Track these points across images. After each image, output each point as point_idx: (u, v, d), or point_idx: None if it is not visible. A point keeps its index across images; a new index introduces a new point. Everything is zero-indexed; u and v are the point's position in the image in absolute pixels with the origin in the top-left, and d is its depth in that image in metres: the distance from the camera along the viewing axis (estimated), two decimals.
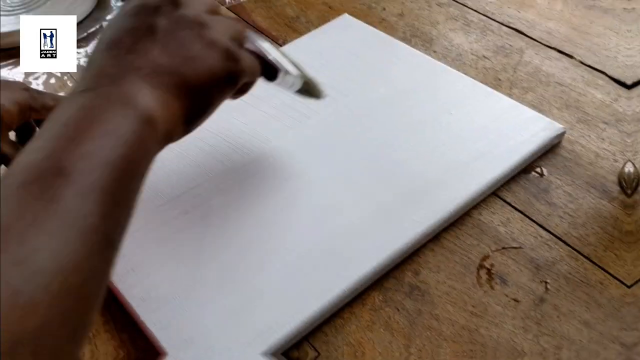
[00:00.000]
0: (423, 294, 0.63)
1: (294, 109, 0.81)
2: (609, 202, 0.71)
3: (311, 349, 0.60)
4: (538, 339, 0.59)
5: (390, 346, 0.59)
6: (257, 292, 0.62)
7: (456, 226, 0.69)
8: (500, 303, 0.62)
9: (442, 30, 0.98)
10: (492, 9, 1.02)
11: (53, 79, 0.94)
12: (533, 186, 0.73)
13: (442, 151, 0.74)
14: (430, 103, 0.80)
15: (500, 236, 0.68)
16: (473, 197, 0.69)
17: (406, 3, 1.04)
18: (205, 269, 0.64)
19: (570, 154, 0.76)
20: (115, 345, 0.61)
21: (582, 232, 0.68)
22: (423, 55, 0.89)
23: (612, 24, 0.97)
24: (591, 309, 0.61)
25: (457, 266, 0.66)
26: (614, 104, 0.82)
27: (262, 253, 0.65)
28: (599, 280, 0.64)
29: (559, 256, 0.66)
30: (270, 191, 0.71)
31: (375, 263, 0.63)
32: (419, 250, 0.67)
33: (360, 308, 0.63)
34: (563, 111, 0.82)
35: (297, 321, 0.59)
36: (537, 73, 0.88)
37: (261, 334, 0.58)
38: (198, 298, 0.62)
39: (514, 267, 0.65)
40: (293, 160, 0.75)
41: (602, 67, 0.88)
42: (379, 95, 0.82)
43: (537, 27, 0.97)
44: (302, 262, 0.64)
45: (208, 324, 0.60)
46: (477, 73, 0.89)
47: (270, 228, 0.68)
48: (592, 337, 0.59)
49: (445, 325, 0.61)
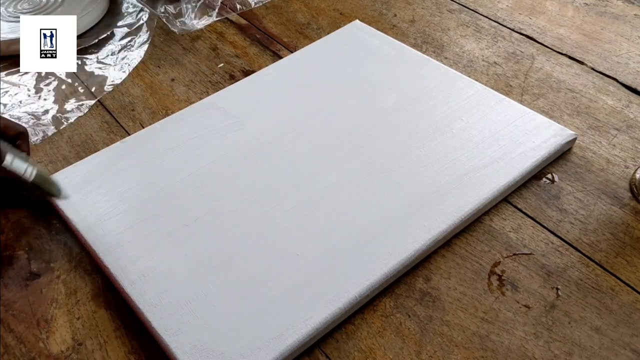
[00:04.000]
0: (434, 300, 0.63)
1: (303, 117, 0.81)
2: (620, 209, 0.71)
3: (322, 355, 0.60)
4: (549, 345, 0.59)
5: (402, 352, 0.59)
6: (268, 299, 0.62)
7: (467, 232, 0.69)
8: (511, 309, 0.62)
9: (453, 37, 0.98)
10: (503, 15, 1.02)
11: (64, 85, 0.94)
12: (544, 192, 0.73)
13: (454, 157, 0.74)
14: (441, 109, 0.81)
15: (511, 242, 0.68)
16: (484, 204, 0.69)
17: (417, 9, 1.05)
18: (216, 275, 0.64)
19: (581, 160, 0.76)
20: (127, 351, 0.61)
21: (593, 238, 0.68)
22: (434, 62, 0.89)
23: (623, 31, 0.97)
24: (602, 315, 0.61)
25: (468, 272, 0.65)
26: (625, 110, 0.82)
27: (273, 259, 0.65)
28: (610, 287, 0.63)
29: (570, 262, 0.66)
30: (282, 198, 0.71)
31: (386, 269, 0.63)
32: (430, 256, 0.67)
33: (371, 314, 0.63)
34: (574, 117, 0.82)
35: (308, 327, 0.59)
36: (548, 79, 0.88)
37: (272, 340, 0.58)
38: (209, 304, 0.62)
39: (525, 274, 0.65)
40: (304, 167, 0.75)
41: (613, 74, 0.88)
42: (390, 101, 0.82)
43: (548, 33, 0.97)
44: (313, 268, 0.64)
45: (219, 330, 0.60)
46: (488, 79, 0.89)
47: (282, 235, 0.68)
48: (603, 343, 0.59)
49: (457, 332, 0.61)
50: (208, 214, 0.70)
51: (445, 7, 1.05)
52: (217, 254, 0.66)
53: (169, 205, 0.72)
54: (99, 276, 0.67)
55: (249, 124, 0.81)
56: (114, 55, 1.00)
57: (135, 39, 1.03)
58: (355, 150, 0.76)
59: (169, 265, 0.66)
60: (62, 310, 0.65)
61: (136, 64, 0.98)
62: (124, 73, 0.96)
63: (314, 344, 0.60)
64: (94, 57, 1.00)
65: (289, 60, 0.93)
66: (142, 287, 0.64)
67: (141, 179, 0.75)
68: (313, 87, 0.86)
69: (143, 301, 0.62)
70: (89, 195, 0.73)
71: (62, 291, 0.67)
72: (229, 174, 0.75)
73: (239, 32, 1.03)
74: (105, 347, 0.62)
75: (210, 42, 1.01)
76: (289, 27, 1.03)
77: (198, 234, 0.68)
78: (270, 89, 0.87)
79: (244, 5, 1.09)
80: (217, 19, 1.06)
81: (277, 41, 1.00)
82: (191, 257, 0.66)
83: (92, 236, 0.69)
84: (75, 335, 0.63)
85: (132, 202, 0.72)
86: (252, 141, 0.79)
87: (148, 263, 0.66)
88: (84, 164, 0.78)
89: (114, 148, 0.80)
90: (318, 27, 1.03)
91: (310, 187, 0.72)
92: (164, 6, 1.08)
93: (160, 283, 0.64)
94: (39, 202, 0.74)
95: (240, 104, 0.84)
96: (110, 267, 0.66)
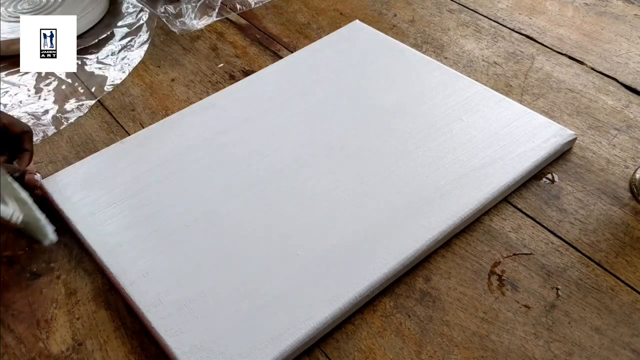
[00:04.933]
0: (434, 300, 0.63)
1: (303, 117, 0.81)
2: (620, 209, 0.71)
3: (322, 355, 0.60)
4: (549, 345, 0.59)
5: (402, 352, 0.59)
6: (267, 299, 0.62)
7: (467, 232, 0.69)
8: (511, 309, 0.62)
9: (453, 37, 0.98)
10: (503, 15, 1.02)
11: (64, 85, 0.94)
12: (544, 192, 0.73)
13: (453, 157, 0.74)
14: (441, 109, 0.81)
15: (511, 242, 0.68)
16: (484, 204, 0.69)
17: (417, 9, 1.05)
18: (216, 275, 0.64)
19: (581, 160, 0.76)
20: (127, 351, 0.61)
21: (593, 238, 0.68)
22: (434, 62, 0.89)
23: (623, 31, 0.97)
24: (602, 315, 0.61)
25: (468, 272, 0.65)
26: (625, 110, 0.82)
27: (273, 260, 0.65)
28: (610, 287, 0.63)
29: (570, 262, 0.66)
30: (281, 198, 0.71)
31: (386, 269, 0.63)
32: (430, 256, 0.67)
33: (371, 314, 0.63)
34: (574, 117, 0.82)
35: (308, 327, 0.59)
36: (548, 79, 0.88)
37: (272, 340, 0.58)
38: (209, 304, 0.62)
39: (525, 274, 0.65)
40: (304, 166, 0.75)
41: (613, 74, 0.88)
42: (390, 101, 0.82)
43: (548, 33, 0.97)
44: (313, 268, 0.64)
45: (219, 330, 0.60)
46: (488, 79, 0.89)
47: (282, 235, 0.68)
48: (603, 343, 0.59)
49: (457, 332, 0.61)
50: (208, 214, 0.70)
51: (445, 7, 1.05)
52: (217, 254, 0.66)
53: (169, 205, 0.72)
54: (99, 276, 0.67)
55: (249, 124, 0.81)
56: (114, 55, 1.00)
57: (135, 39, 1.03)
58: (355, 150, 0.76)
59: (169, 265, 0.66)
60: (62, 310, 0.65)
61: (136, 64, 0.98)
62: (124, 73, 0.96)
63: (314, 344, 0.60)
64: (94, 57, 1.00)
65: (289, 60, 0.93)
66: (142, 287, 0.64)
67: (141, 179, 0.75)
68: (313, 87, 0.86)
69: (143, 301, 0.63)
70: (89, 195, 0.73)
71: (62, 291, 0.67)
72: (229, 173, 0.75)
73: (239, 32, 1.03)
74: (105, 347, 0.62)
75: (210, 42, 1.01)
76: (289, 27, 1.03)
77: (198, 234, 0.69)
78: (270, 89, 0.87)
79: (244, 5, 1.09)
80: (217, 19, 1.06)
81: (277, 41, 1.00)
82: (191, 257, 0.66)
83: (92, 236, 0.69)
84: (75, 335, 0.63)
85: (132, 202, 0.72)
86: (252, 141, 0.79)
87: (148, 263, 0.66)
88: (84, 164, 0.78)
89: (113, 148, 0.80)
90: (318, 27, 1.03)
91: (310, 187, 0.72)
92: (164, 6, 1.08)
93: (160, 283, 0.64)
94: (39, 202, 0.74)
95: (240, 104, 0.84)
96: (110, 267, 0.66)
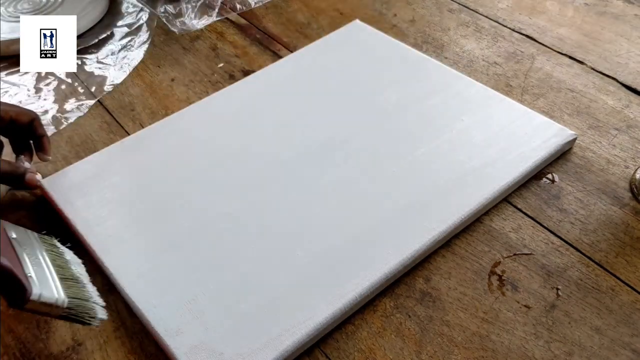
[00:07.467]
0: (434, 300, 0.63)
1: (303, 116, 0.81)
2: (620, 209, 0.70)
3: (322, 355, 0.60)
4: (549, 345, 0.59)
5: (402, 352, 0.59)
6: (267, 299, 0.62)
7: (467, 232, 0.69)
8: (511, 309, 0.62)
9: (454, 37, 0.98)
10: (504, 15, 1.02)
11: (64, 85, 0.94)
12: (544, 192, 0.73)
13: (454, 158, 0.74)
14: (441, 109, 0.81)
15: (512, 242, 0.68)
16: (484, 204, 0.69)
17: (417, 9, 1.05)
18: (216, 275, 0.64)
19: (581, 160, 0.76)
20: (127, 351, 0.61)
21: (594, 238, 0.68)
22: (434, 62, 0.89)
23: (624, 31, 0.97)
24: (602, 315, 0.61)
25: (468, 272, 0.65)
26: (625, 110, 0.82)
27: (273, 260, 0.65)
28: (610, 287, 0.63)
29: (570, 262, 0.66)
30: (282, 197, 0.71)
31: (386, 269, 0.63)
32: (430, 256, 0.67)
33: (371, 314, 0.63)
34: (574, 117, 0.82)
35: (308, 327, 0.59)
36: (548, 79, 0.88)
37: (272, 340, 0.58)
38: (209, 305, 0.62)
39: (525, 274, 0.65)
40: (304, 166, 0.75)
41: (613, 74, 0.88)
42: (390, 101, 0.82)
43: (548, 33, 0.97)
44: (313, 268, 0.64)
45: (219, 330, 0.60)
46: (488, 79, 0.89)
47: (282, 235, 0.68)
48: (603, 343, 0.59)
49: (457, 332, 0.61)
50: (208, 213, 0.70)
51: (445, 7, 1.05)
52: (217, 254, 0.66)
53: (169, 205, 0.72)
54: (99, 276, 0.67)
55: (249, 124, 0.81)
56: (113, 55, 1.00)
57: (135, 39, 1.03)
58: (355, 150, 0.76)
59: (169, 266, 0.66)
60: None
61: (136, 64, 0.98)
62: (123, 73, 0.96)
63: (314, 344, 0.60)
64: (93, 57, 1.00)
65: (289, 60, 0.93)
66: (142, 287, 0.64)
67: (141, 179, 0.75)
68: (313, 87, 0.86)
69: (143, 301, 0.62)
70: (89, 195, 0.73)
71: None
72: (229, 173, 0.75)
73: (239, 32, 1.03)
74: (105, 347, 0.62)
75: (210, 42, 1.01)
76: (289, 27, 1.03)
77: (198, 234, 0.68)
78: (270, 89, 0.87)
79: (244, 5, 1.09)
80: (217, 19, 1.06)
81: (277, 41, 1.00)
82: (191, 257, 0.66)
83: (92, 236, 0.69)
84: (75, 336, 0.63)
85: (131, 202, 0.73)
86: (253, 141, 0.79)
87: (148, 263, 0.66)
88: (84, 164, 0.78)
89: (113, 148, 0.80)
90: (318, 27, 1.03)
91: (310, 187, 0.72)
92: (164, 6, 1.08)
93: (159, 283, 0.64)
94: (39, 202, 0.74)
95: (240, 104, 0.84)
96: (110, 267, 0.66)
